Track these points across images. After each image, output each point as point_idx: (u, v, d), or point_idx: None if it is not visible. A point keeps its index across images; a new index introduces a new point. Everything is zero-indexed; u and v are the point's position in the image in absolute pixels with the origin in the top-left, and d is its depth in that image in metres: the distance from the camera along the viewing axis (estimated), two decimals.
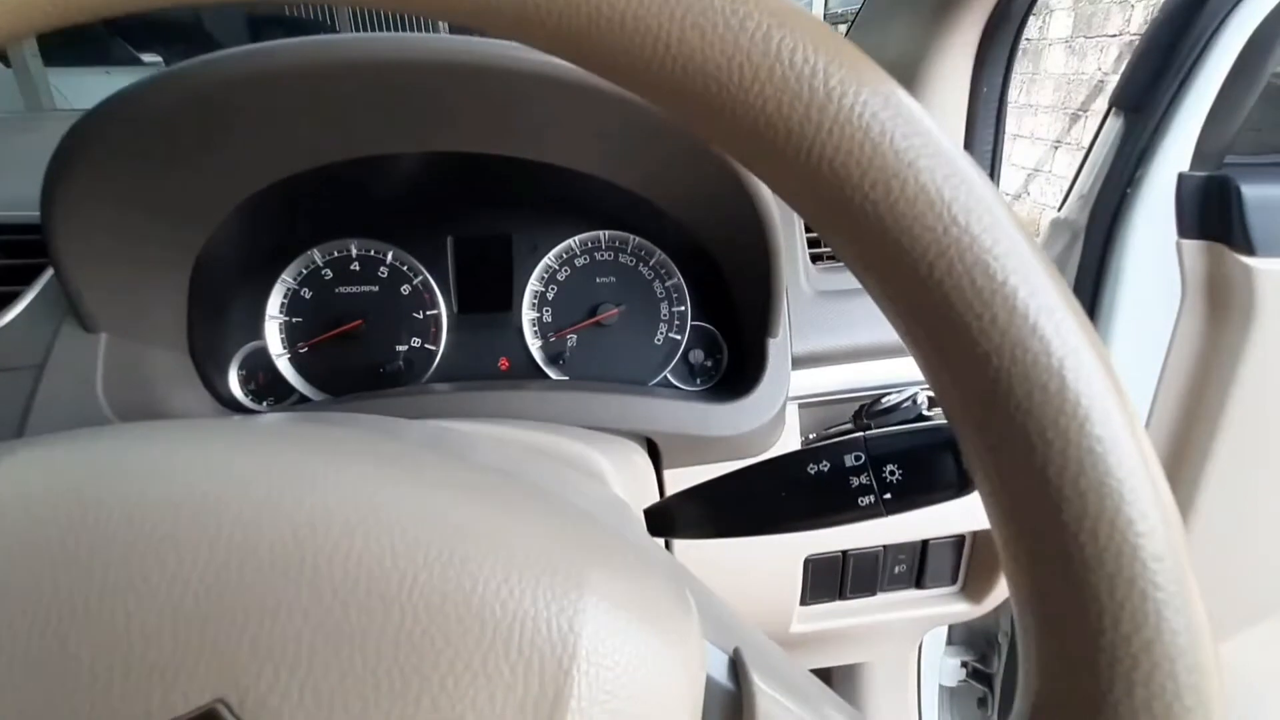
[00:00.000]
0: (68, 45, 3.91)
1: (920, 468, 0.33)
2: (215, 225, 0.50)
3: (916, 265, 0.16)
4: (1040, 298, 0.15)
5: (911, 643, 0.74)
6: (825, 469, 0.33)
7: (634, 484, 0.39)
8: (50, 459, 0.17)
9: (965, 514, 0.57)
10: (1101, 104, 2.99)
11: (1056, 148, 3.25)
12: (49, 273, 0.47)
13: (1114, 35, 2.89)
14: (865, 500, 0.33)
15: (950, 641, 0.95)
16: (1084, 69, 3.05)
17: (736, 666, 0.21)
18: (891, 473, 0.33)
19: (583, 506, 0.26)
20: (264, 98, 0.41)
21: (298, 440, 0.19)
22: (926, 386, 0.56)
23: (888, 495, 0.33)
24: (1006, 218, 0.16)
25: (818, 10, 6.79)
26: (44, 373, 0.44)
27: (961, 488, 0.32)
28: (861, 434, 0.34)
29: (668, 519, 0.37)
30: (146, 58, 4.79)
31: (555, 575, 0.17)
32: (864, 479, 0.33)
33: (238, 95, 0.40)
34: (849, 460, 0.33)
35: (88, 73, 4.12)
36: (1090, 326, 0.16)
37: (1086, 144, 0.71)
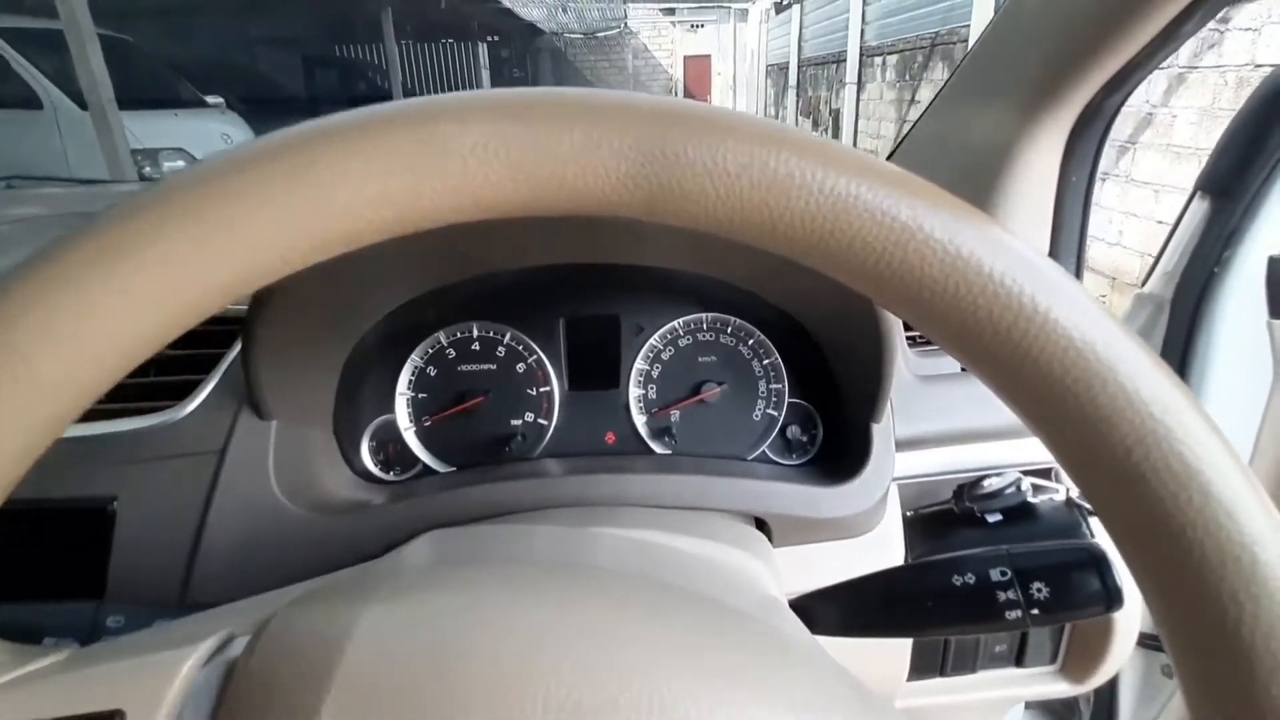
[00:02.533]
0: (139, 89, 4.16)
1: (1067, 584, 0.35)
2: (370, 327, 0.55)
3: (1115, 449, 0.19)
4: (1231, 484, 0.18)
5: (1001, 715, 0.74)
6: (971, 581, 0.35)
7: (772, 572, 0.42)
8: (409, 615, 0.21)
9: None
10: None
11: None
12: (223, 364, 0.52)
13: None
14: (1013, 614, 0.34)
15: (1028, 705, 0.94)
16: None
17: None
18: (1039, 590, 0.35)
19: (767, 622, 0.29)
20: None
21: (588, 595, 0.23)
22: (1027, 471, 0.58)
23: (1035, 611, 0.34)
24: (1194, 410, 0.19)
25: (854, 37, 6.91)
26: (225, 458, 0.48)
27: (1109, 604, 0.34)
28: (1005, 549, 0.36)
29: (809, 616, 0.39)
30: (210, 99, 5.07)
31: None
32: (1011, 594, 0.35)
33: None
34: (995, 575, 0.35)
35: (158, 115, 4.38)
36: (1267, 499, 0.19)
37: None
